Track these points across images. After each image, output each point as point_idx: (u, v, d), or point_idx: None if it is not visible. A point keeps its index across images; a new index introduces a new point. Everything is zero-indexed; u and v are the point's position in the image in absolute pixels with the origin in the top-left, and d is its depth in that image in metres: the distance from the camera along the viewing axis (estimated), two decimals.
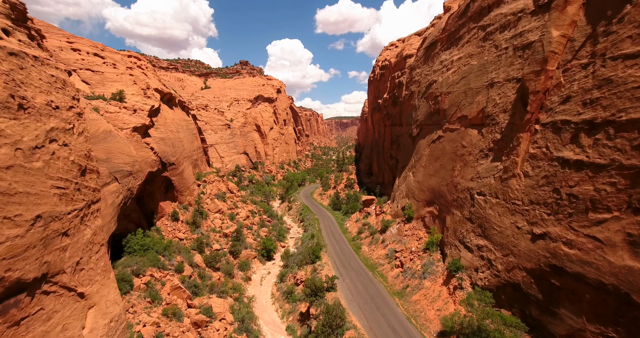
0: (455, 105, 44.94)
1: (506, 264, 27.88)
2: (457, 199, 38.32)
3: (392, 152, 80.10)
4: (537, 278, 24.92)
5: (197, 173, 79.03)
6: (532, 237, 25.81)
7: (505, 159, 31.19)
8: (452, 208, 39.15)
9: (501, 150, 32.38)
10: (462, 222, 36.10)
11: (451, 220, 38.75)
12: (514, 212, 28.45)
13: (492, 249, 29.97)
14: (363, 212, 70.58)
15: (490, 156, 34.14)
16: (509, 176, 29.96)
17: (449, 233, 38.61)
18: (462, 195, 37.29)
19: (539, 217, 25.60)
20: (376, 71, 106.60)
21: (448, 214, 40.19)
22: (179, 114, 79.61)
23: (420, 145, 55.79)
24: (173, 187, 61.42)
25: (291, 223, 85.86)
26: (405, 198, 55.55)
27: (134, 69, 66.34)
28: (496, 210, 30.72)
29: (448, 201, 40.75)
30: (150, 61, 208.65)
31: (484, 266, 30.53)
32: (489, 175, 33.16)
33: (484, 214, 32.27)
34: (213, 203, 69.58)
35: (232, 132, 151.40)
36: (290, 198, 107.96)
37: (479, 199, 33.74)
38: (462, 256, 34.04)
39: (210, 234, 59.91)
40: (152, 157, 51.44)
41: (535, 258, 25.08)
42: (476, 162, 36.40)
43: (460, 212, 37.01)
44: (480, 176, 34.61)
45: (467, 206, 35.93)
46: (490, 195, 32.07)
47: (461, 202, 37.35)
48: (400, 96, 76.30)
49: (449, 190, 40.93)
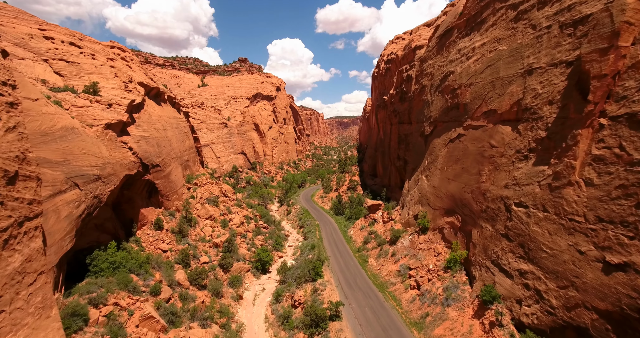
0: (479, 98, 38.54)
1: (564, 299, 21.47)
2: (487, 210, 31.89)
3: (400, 153, 73.65)
4: (616, 324, 18.50)
5: (188, 175, 72.76)
6: (605, 267, 19.40)
7: (555, 162, 24.77)
8: (480, 220, 32.73)
9: (547, 151, 25.97)
10: (494, 239, 29.68)
11: (479, 235, 32.32)
12: (572, 231, 22.04)
13: (542, 277, 23.55)
14: (368, 219, 64.21)
15: (531, 158, 27.74)
16: (562, 184, 23.54)
17: (476, 250, 32.19)
18: (494, 205, 30.86)
19: (614, 241, 19.20)
20: (381, 66, 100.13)
21: (474, 227, 33.76)
22: (168, 110, 73.33)
23: (434, 145, 49.39)
24: (157, 192, 55.14)
25: (290, 230, 79.53)
26: (418, 205, 49.12)
27: (116, 61, 60.03)
28: (544, 226, 24.30)
29: (474, 211, 34.33)
30: (146, 58, 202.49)
31: (531, 298, 24.12)
32: (531, 182, 26.74)
33: (527, 231, 25.84)
34: (203, 208, 63.27)
35: (229, 131, 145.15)
36: (289, 201, 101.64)
37: (518, 211, 27.32)
38: (498, 282, 27.62)
39: (199, 244, 53.61)
40: (130, 158, 45.14)
41: (612, 296, 18.68)
42: (511, 165, 29.99)
43: (492, 226, 30.58)
44: (519, 183, 28.19)
45: (501, 219, 29.51)
46: (534, 208, 25.64)
47: (492, 214, 30.93)
48: (409, 91, 69.86)
49: (475, 198, 34.51)
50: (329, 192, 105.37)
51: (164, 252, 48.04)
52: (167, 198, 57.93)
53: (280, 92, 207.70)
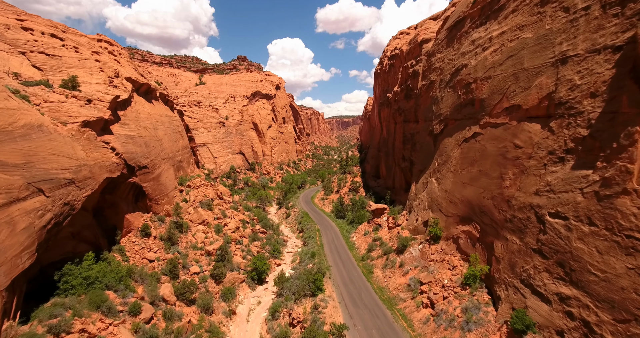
0: (498, 92, 34.46)
1: (626, 337, 17.36)
2: (512, 219, 27.81)
3: (405, 153, 69.58)
4: None
5: (181, 177, 68.72)
6: None
7: (603, 165, 20.68)
8: (504, 231, 28.65)
9: (591, 153, 21.89)
10: (524, 254, 25.60)
11: (504, 249, 28.23)
12: (631, 251, 17.97)
13: (590, 306, 19.47)
14: (372, 224, 60.14)
15: (569, 161, 23.65)
16: (614, 193, 19.46)
17: (501, 266, 28.10)
18: (521, 215, 26.78)
19: None
20: (384, 62, 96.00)
21: (497, 239, 29.68)
22: (160, 108, 69.31)
23: (445, 145, 45.32)
24: (145, 195, 51.09)
25: (289, 234, 75.48)
26: (428, 211, 45.05)
27: (102, 55, 55.98)
28: (592, 244, 20.22)
29: (496, 220, 30.25)
30: (143, 56, 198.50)
31: (577, 330, 20.05)
32: (571, 189, 22.65)
33: (568, 247, 21.75)
34: (196, 213, 59.22)
35: (227, 130, 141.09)
36: (288, 203, 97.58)
37: (555, 223, 23.24)
38: (531, 307, 23.54)
39: (190, 252, 49.58)
40: (112, 159, 41.12)
41: None
42: (542, 168, 25.91)
43: (520, 239, 26.49)
44: (554, 189, 24.10)
45: (531, 231, 25.42)
46: (577, 220, 21.55)
47: (520, 224, 26.85)
48: (415, 88, 65.78)
49: (497, 205, 30.43)
50: (330, 193, 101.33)
51: (150, 261, 44.04)
52: (156, 202, 53.91)
53: (279, 90, 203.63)
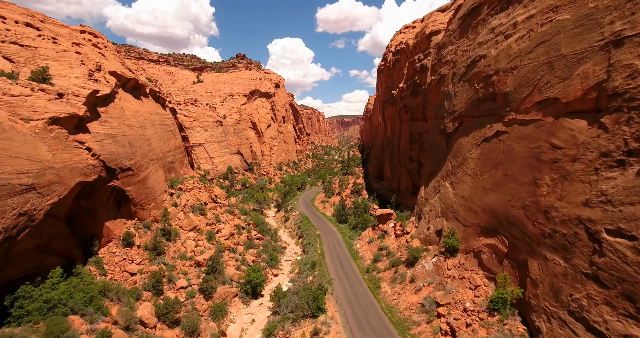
0: (528, 84, 29.81)
1: None
2: (553, 235, 23.17)
3: (412, 154, 64.94)
4: None
5: (172, 179, 64.16)
6: None
7: None
8: (543, 248, 24.02)
9: None
10: (572, 279, 20.96)
11: (543, 270, 23.60)
12: None
13: None
14: (378, 230, 55.50)
15: (632, 165, 19.02)
16: None
17: (539, 291, 23.46)
18: (566, 230, 22.15)
19: None
20: (388, 58, 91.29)
21: (533, 257, 25.04)
22: (149, 106, 64.75)
23: (460, 145, 40.71)
24: (129, 200, 46.52)
25: (287, 240, 70.86)
26: (442, 218, 40.41)
27: (84, 47, 51.38)
28: None
29: (530, 234, 25.61)
30: (139, 53, 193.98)
31: None
32: (637, 201, 18.00)
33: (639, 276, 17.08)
34: (187, 218, 54.62)
35: (224, 129, 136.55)
36: (287, 206, 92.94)
37: (617, 244, 18.61)
38: None
39: (178, 263, 45.01)
40: (87, 161, 36.55)
41: None
42: (594, 174, 21.27)
43: (565, 259, 21.86)
44: (612, 200, 19.47)
45: (582, 251, 20.78)
46: None
47: (564, 241, 22.21)
48: (424, 83, 61.13)
49: (531, 216, 25.79)
50: (331, 195, 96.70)
51: (131, 275, 39.48)
52: (142, 208, 49.33)
53: (279, 89, 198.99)
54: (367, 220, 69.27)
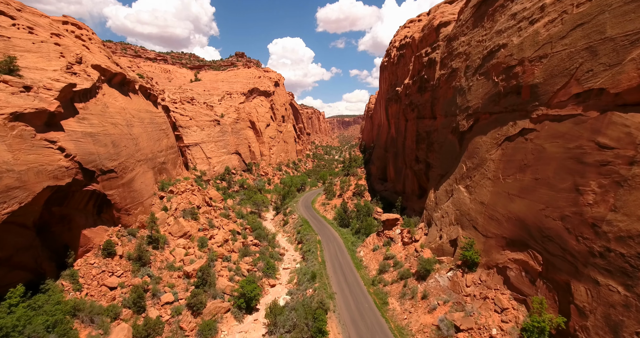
0: (562, 74, 25.72)
1: None
2: (607, 254, 19.07)
3: (419, 154, 60.83)
4: None
5: (162, 181, 60.11)
6: None
7: None
8: (592, 270, 19.91)
9: None
10: (637, 311, 16.82)
11: (594, 297, 19.49)
12: None
13: None
14: (383, 237, 51.39)
15: None
16: None
17: (590, 323, 19.36)
18: (627, 250, 18.06)
19: None
20: (392, 53, 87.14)
21: (578, 279, 20.91)
22: (139, 103, 60.72)
23: (477, 145, 36.61)
24: (112, 205, 42.45)
25: (286, 246, 66.77)
26: (456, 227, 36.30)
27: (64, 38, 47.32)
28: None
29: (573, 251, 21.49)
30: (135, 51, 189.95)
31: None
32: None
33: None
34: (177, 224, 50.54)
35: (222, 129, 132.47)
36: (286, 209, 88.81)
37: None
38: None
39: (164, 274, 40.97)
40: (59, 162, 32.50)
41: None
42: None
43: (625, 286, 17.77)
44: None
45: None
46: None
47: (623, 264, 18.13)
48: (432, 78, 57.01)
49: (574, 229, 21.67)
50: (332, 198, 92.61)
51: (110, 289, 35.44)
52: (127, 213, 45.28)
53: (278, 87, 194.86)
54: (371, 224, 65.21)
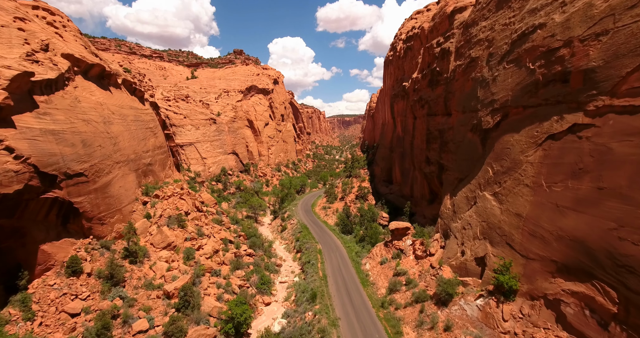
0: (633, 53, 20.01)
1: None
2: None
3: (431, 155, 55.08)
4: None
5: (147, 184, 54.42)
6: None
7: None
8: None
9: None
10: None
11: None
12: None
13: None
14: (391, 248, 45.68)
15: None
16: None
17: None
18: None
19: None
20: (398, 46, 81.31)
21: None
22: (122, 98, 55.03)
23: (507, 145, 30.88)
24: (81, 214, 36.77)
25: (284, 255, 61.06)
26: (484, 242, 30.55)
27: (30, 23, 41.57)
28: None
29: None
30: (130, 48, 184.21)
31: None
32: None
33: None
34: (160, 233, 44.87)
35: (218, 128, 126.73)
36: (284, 213, 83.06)
37: None
38: None
39: (141, 294, 35.28)
40: (5, 165, 26.81)
41: None
42: None
43: None
44: None
45: None
46: None
47: None
48: (445, 71, 51.25)
49: None
50: (334, 201, 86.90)
51: (72, 316, 29.79)
52: (100, 222, 39.61)
53: (278, 85, 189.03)
54: (377, 231, 59.54)
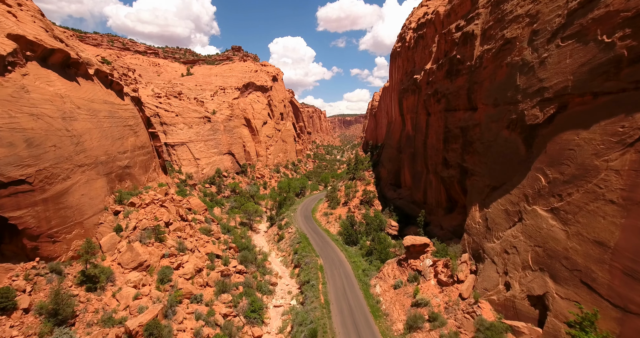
0: None
1: None
2: None
3: (450, 156, 47.56)
4: None
5: (121, 190, 47.00)
6: None
7: None
8: None
9: None
10: None
11: None
12: None
13: None
14: (407, 268, 38.15)
15: None
16: None
17: None
18: None
19: None
20: (407, 36, 73.65)
21: None
22: (92, 91, 47.64)
23: (571, 145, 23.35)
24: (21, 231, 29.35)
25: (280, 269, 53.61)
26: (542, 275, 22.98)
27: None
28: None
29: None
30: (124, 43, 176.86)
31: None
32: None
33: None
34: (130, 251, 37.43)
35: (213, 126, 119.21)
36: (282, 220, 75.54)
37: None
38: None
39: (94, 335, 27.83)
40: None
41: None
42: None
43: None
44: None
45: None
46: None
47: None
48: (469, 58, 43.71)
49: None
50: (336, 206, 79.36)
51: None
52: (51, 240, 32.20)
53: (277, 82, 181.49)
54: (386, 244, 52.07)
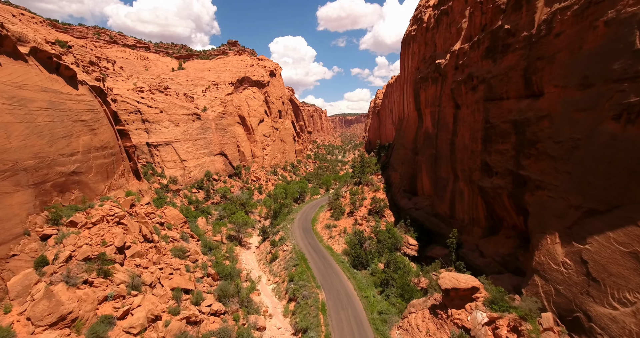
0: None
1: None
2: None
3: (494, 160, 36.02)
4: None
5: (56, 205, 35.55)
6: None
7: None
8: None
9: None
10: None
11: None
12: None
13: None
14: (446, 321, 26.65)
15: None
16: None
17: None
18: None
19: None
20: (425, 16, 61.98)
21: None
22: (23, 74, 36.31)
23: None
24: None
25: (271, 302, 42.06)
26: None
27: None
28: None
29: None
30: (111, 36, 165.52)
31: None
32: None
33: None
34: (47, 298, 25.93)
35: (203, 124, 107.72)
36: (276, 234, 63.93)
37: None
38: None
39: None
40: None
41: None
42: None
43: None
44: None
45: None
46: None
47: None
48: (525, 27, 32.10)
49: None
50: (340, 216, 67.80)
51: None
52: None
53: (275, 78, 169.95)
54: (406, 270, 40.65)
